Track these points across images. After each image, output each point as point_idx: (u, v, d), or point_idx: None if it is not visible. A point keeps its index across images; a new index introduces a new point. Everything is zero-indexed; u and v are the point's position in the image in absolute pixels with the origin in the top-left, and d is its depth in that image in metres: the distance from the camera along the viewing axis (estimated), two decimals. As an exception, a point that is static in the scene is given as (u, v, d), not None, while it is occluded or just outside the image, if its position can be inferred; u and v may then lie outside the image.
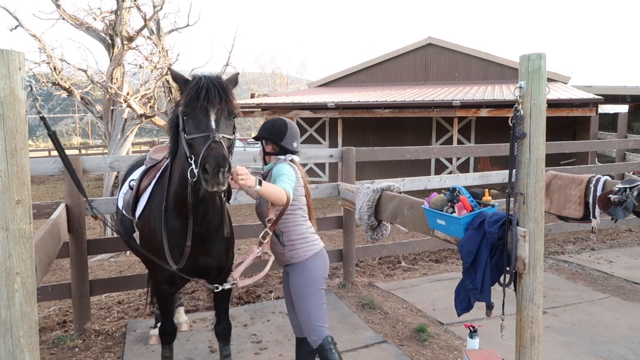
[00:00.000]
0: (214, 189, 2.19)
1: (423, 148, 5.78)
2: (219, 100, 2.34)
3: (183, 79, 2.48)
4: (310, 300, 2.72)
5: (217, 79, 2.41)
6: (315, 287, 2.74)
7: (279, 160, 2.81)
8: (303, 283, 2.73)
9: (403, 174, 15.06)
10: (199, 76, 2.43)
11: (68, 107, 43.48)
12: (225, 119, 2.38)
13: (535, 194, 2.22)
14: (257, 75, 40.58)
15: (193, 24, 9.57)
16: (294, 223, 2.78)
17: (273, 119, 2.89)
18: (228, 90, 2.41)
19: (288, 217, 2.75)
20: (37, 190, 15.79)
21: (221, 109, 2.35)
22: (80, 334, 4.11)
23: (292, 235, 2.75)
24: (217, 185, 2.18)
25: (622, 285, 5.25)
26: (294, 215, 2.77)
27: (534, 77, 2.18)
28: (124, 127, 8.58)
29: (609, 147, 8.28)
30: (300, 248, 2.75)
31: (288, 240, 2.75)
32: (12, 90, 1.70)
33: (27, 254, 1.77)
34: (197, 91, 2.33)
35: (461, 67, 17.52)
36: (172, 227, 2.68)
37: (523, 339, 2.31)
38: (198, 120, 2.32)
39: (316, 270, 2.75)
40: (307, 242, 2.77)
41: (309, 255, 2.75)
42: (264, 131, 2.85)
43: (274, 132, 2.82)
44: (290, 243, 2.75)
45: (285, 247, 2.75)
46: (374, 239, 3.87)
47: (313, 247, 2.78)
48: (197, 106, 2.33)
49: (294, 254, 2.75)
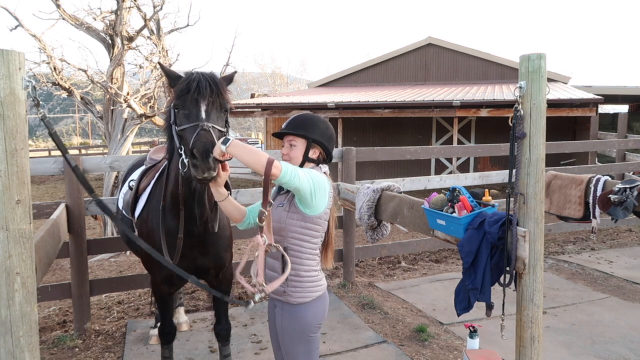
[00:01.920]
0: (204, 174, 2.10)
1: (423, 148, 5.78)
2: (209, 92, 2.31)
3: (175, 75, 2.46)
4: (299, 348, 2.21)
5: (209, 73, 2.39)
6: (308, 334, 2.21)
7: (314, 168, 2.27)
8: (294, 328, 2.19)
9: (403, 174, 15.06)
10: (188, 72, 2.42)
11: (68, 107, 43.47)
12: (216, 111, 2.34)
13: (535, 194, 2.22)
14: (257, 76, 40.55)
15: (193, 24, 9.57)
16: (307, 253, 2.19)
17: (316, 117, 2.31)
18: (220, 84, 2.38)
19: (302, 245, 2.17)
20: (37, 190, 15.79)
21: (212, 101, 2.32)
22: (80, 334, 4.11)
23: (301, 268, 2.16)
24: (207, 170, 2.09)
25: (622, 285, 5.25)
26: (309, 244, 2.18)
27: (534, 77, 2.18)
28: (124, 127, 8.58)
29: (609, 147, 8.28)
30: (306, 287, 2.18)
31: (295, 274, 2.15)
32: (12, 90, 1.70)
33: (27, 254, 1.77)
34: (189, 84, 2.32)
35: (461, 67, 17.51)
36: (169, 226, 2.68)
37: (523, 339, 2.30)
38: (189, 111, 2.30)
39: (312, 317, 2.20)
40: (314, 282, 2.21)
41: (313, 298, 2.19)
42: (319, 134, 2.24)
43: (329, 137, 2.29)
44: (297, 279, 2.16)
45: (288, 281, 2.13)
46: (374, 239, 3.86)
47: (318, 289, 2.22)
48: (187, 98, 2.30)
49: (295, 293, 2.17)
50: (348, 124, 15.46)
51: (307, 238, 2.17)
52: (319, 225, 2.19)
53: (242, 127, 36.58)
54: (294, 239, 2.16)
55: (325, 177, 2.21)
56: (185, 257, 2.73)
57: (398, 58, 18.15)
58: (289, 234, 2.16)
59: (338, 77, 19.21)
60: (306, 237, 2.17)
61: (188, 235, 2.66)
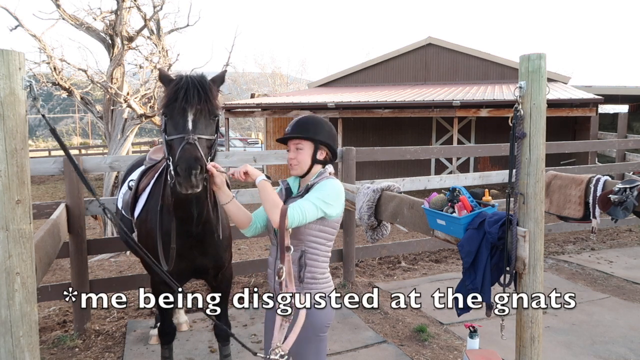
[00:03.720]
0: (187, 191, 2.16)
1: (423, 148, 5.78)
2: (197, 101, 2.28)
3: (168, 79, 2.43)
4: (310, 348, 2.21)
5: (198, 78, 2.35)
6: (318, 334, 2.22)
7: (323, 174, 2.24)
8: (306, 328, 2.13)
9: (403, 174, 15.06)
10: (180, 76, 2.38)
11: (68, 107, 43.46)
12: (204, 119, 2.31)
13: (535, 194, 2.22)
14: (257, 76, 40.55)
15: (193, 24, 9.55)
16: (322, 255, 2.20)
17: (319, 118, 2.32)
18: (209, 90, 2.34)
19: (318, 248, 2.18)
20: (37, 190, 15.78)
21: (200, 109, 2.29)
22: (80, 334, 4.11)
23: (317, 271, 2.18)
24: (190, 187, 2.14)
25: (622, 285, 5.25)
26: (324, 247, 2.21)
27: (534, 77, 2.18)
28: (124, 127, 8.57)
29: (609, 147, 8.28)
30: (320, 289, 2.21)
31: (311, 276, 2.17)
32: (12, 90, 1.70)
33: (27, 254, 1.77)
34: (176, 91, 2.29)
35: (461, 67, 17.51)
36: (167, 227, 2.67)
37: (523, 339, 2.30)
38: (176, 121, 2.28)
39: (325, 316, 2.21)
40: (327, 282, 2.24)
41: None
42: (325, 135, 2.24)
43: (334, 137, 2.30)
44: (313, 281, 2.17)
45: (303, 283, 2.16)
46: (374, 239, 3.86)
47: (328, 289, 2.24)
48: (175, 107, 2.28)
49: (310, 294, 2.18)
50: (348, 124, 15.46)
51: (323, 241, 2.21)
52: (335, 229, 2.23)
53: (242, 127, 36.59)
54: (312, 242, 2.18)
55: (338, 183, 2.23)
56: (185, 258, 2.73)
57: (398, 58, 18.15)
58: (307, 237, 2.18)
59: (338, 77, 19.21)
60: (322, 239, 2.20)
61: (187, 235, 2.65)
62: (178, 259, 2.70)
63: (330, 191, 2.15)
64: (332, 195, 2.15)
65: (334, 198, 2.15)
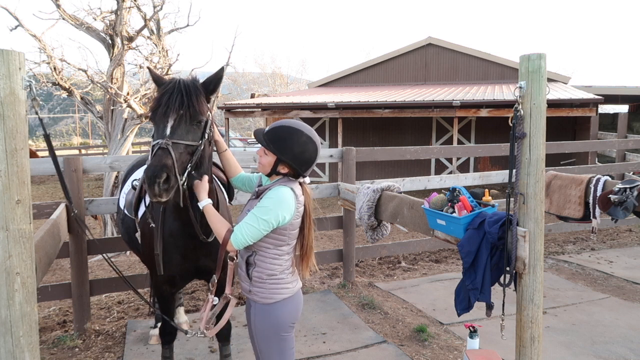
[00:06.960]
0: (153, 200, 2.13)
1: (423, 148, 5.78)
2: (178, 106, 2.25)
3: (160, 82, 2.42)
4: (272, 347, 2.31)
5: (185, 82, 2.33)
6: (279, 333, 2.30)
7: (279, 180, 2.27)
8: (265, 327, 2.29)
9: (403, 174, 15.06)
10: (169, 80, 2.37)
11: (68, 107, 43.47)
12: (185, 125, 2.27)
13: (535, 194, 2.22)
14: (257, 76, 40.53)
15: (193, 24, 9.55)
16: (271, 258, 2.26)
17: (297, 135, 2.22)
18: (193, 94, 2.30)
19: (266, 251, 2.26)
20: (37, 190, 15.78)
21: (183, 114, 2.26)
22: (80, 334, 4.11)
23: (263, 272, 2.26)
24: (154, 196, 2.10)
25: (622, 285, 5.25)
26: (274, 250, 2.26)
27: (534, 77, 2.18)
28: (124, 127, 8.57)
29: (609, 147, 8.28)
30: (269, 289, 2.27)
31: (257, 276, 2.26)
32: (12, 90, 1.70)
33: (27, 254, 1.77)
34: (161, 96, 2.28)
35: (461, 67, 17.51)
36: (170, 228, 2.67)
37: (523, 339, 2.31)
38: (157, 126, 2.28)
39: (283, 317, 2.29)
40: (278, 285, 2.27)
41: (277, 299, 2.27)
42: (290, 156, 2.21)
43: (303, 161, 2.23)
44: (259, 280, 2.26)
45: (252, 281, 2.28)
46: (374, 239, 3.86)
47: (284, 292, 2.29)
48: (157, 112, 2.28)
49: (259, 293, 2.27)
50: (348, 124, 15.46)
51: (270, 246, 2.26)
52: (284, 235, 2.26)
53: (242, 127, 36.56)
54: (259, 245, 2.26)
55: (286, 192, 2.19)
56: (188, 258, 2.74)
57: (398, 58, 18.15)
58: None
59: (338, 77, 19.22)
60: (269, 245, 2.25)
61: (190, 236, 2.66)
62: (182, 259, 2.71)
63: (270, 204, 2.16)
64: (272, 208, 2.15)
65: (273, 211, 2.15)
